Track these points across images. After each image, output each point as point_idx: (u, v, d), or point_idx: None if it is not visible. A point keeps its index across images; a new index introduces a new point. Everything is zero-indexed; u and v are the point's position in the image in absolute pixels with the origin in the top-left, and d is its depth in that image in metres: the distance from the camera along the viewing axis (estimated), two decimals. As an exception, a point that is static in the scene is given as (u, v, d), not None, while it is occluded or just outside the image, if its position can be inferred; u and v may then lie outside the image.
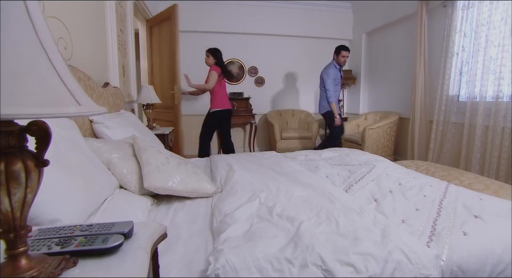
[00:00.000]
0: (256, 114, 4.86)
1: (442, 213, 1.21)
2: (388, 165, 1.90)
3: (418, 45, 3.55)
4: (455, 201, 1.31)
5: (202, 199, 1.41)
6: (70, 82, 0.45)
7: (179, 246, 0.99)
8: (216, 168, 1.90)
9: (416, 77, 3.58)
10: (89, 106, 0.47)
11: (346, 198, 1.33)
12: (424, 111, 3.59)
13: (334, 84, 3.44)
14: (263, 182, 1.56)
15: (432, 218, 1.17)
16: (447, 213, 1.21)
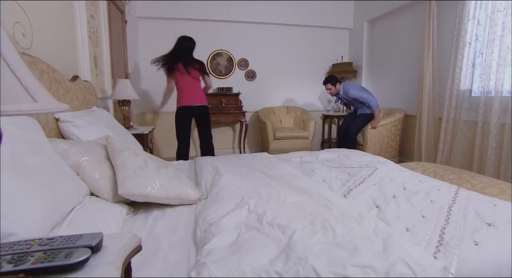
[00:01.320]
0: (247, 112, 4.87)
1: (451, 221, 1.22)
2: (391, 167, 1.92)
3: (425, 34, 3.60)
4: (465, 207, 1.33)
5: (185, 206, 1.40)
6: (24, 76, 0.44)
7: (158, 259, 0.98)
8: (201, 171, 1.90)
9: (424, 70, 3.63)
10: (47, 103, 0.46)
11: (345, 204, 1.33)
12: (432, 108, 3.64)
13: (365, 92, 3.84)
14: (253, 187, 1.56)
15: (439, 226, 1.18)
16: (457, 220, 1.22)
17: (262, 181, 1.68)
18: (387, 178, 1.72)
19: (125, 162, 1.32)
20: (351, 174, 1.83)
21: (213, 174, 1.82)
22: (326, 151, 2.53)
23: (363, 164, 2.01)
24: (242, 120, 4.78)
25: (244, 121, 4.76)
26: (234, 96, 4.85)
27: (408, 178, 1.72)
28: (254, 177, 1.76)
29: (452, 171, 1.98)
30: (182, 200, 1.39)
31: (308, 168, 2.05)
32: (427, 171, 2.00)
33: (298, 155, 2.52)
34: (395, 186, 1.59)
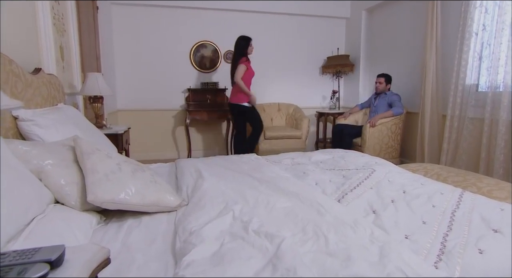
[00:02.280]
0: (235, 109, 4.85)
1: (454, 227, 1.24)
2: (390, 169, 1.94)
3: (428, 24, 3.64)
4: (470, 212, 1.35)
5: (163, 213, 1.39)
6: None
7: (131, 274, 0.97)
8: (182, 175, 1.89)
9: (427, 63, 3.68)
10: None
11: (339, 209, 1.34)
12: (436, 104, 3.69)
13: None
14: (239, 192, 1.57)
15: (442, 233, 1.20)
16: (461, 226, 1.24)
17: (250, 185, 1.69)
18: (386, 180, 1.74)
19: (95, 165, 1.30)
20: (347, 176, 1.84)
21: (195, 177, 1.81)
22: (320, 152, 2.54)
23: (360, 166, 2.02)
24: (228, 119, 4.76)
25: (231, 119, 4.74)
26: (220, 92, 4.84)
27: (409, 181, 1.74)
28: (241, 181, 1.77)
29: (457, 172, 2.01)
30: (161, 207, 1.38)
31: (300, 170, 2.06)
32: (429, 173, 2.02)
33: (290, 156, 2.53)
34: (394, 190, 1.61)
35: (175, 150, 4.98)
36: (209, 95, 4.74)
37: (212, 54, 4.94)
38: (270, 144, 4.48)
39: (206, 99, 4.73)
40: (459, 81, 3.37)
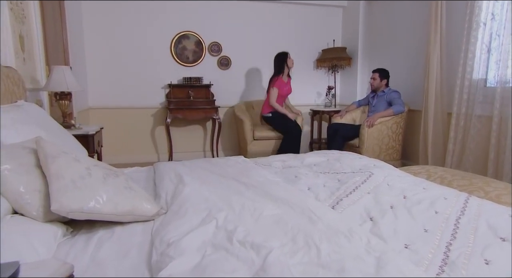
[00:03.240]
0: (220, 107, 4.85)
1: (459, 235, 1.25)
2: (390, 172, 1.96)
3: (432, 14, 3.69)
4: (476, 219, 1.36)
5: (139, 223, 1.39)
6: None
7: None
8: (161, 180, 1.89)
9: (430, 57, 3.72)
10: None
11: (332, 216, 1.35)
12: (440, 101, 3.74)
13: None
14: (224, 198, 1.57)
15: (445, 242, 1.21)
16: (465, 234, 1.25)
17: (235, 190, 1.70)
18: (384, 184, 1.75)
19: (61, 170, 1.28)
20: (342, 180, 1.85)
21: (175, 182, 1.81)
22: (314, 154, 2.55)
23: (357, 169, 2.04)
24: (214, 118, 4.75)
25: (217, 118, 4.74)
26: (205, 88, 4.83)
27: (410, 185, 1.76)
28: (226, 186, 1.78)
29: (462, 175, 2.04)
30: (136, 216, 1.38)
31: (291, 173, 2.07)
32: (432, 176, 2.04)
33: (280, 158, 2.54)
34: (393, 195, 1.62)
35: (154, 152, 4.94)
36: (192, 92, 4.72)
37: (196, 46, 4.92)
38: (259, 145, 4.49)
39: (189, 96, 4.71)
40: (466, 75, 3.41)
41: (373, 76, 4.27)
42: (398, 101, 4.02)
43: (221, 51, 5.06)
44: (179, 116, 4.56)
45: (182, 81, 4.74)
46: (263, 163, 2.42)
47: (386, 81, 4.23)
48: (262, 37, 5.21)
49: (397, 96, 4.07)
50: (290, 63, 4.44)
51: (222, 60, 5.08)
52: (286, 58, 4.41)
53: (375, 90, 4.32)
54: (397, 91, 4.13)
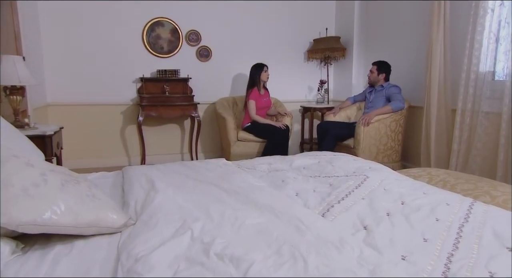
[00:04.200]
0: (200, 104, 4.85)
1: (462, 245, 1.26)
2: (387, 175, 1.97)
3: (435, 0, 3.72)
4: (481, 227, 1.38)
5: (104, 236, 1.37)
6: None
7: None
8: (130, 186, 1.88)
9: (433, 47, 3.77)
10: None
11: (322, 225, 1.35)
12: (444, 97, 3.79)
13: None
14: (201, 206, 1.57)
15: (446, 253, 1.22)
16: (469, 244, 1.27)
17: (215, 197, 1.70)
18: (381, 189, 1.77)
19: (10, 177, 1.26)
20: (334, 185, 1.86)
21: (147, 189, 1.80)
22: (304, 155, 2.57)
23: (351, 172, 2.06)
24: (193, 115, 4.74)
25: (196, 116, 4.73)
26: (182, 82, 4.81)
27: (409, 189, 1.77)
28: (204, 192, 1.78)
29: (467, 179, 2.07)
30: (100, 228, 1.36)
31: (278, 178, 2.08)
32: (434, 180, 2.07)
33: (267, 160, 2.55)
34: (390, 200, 1.64)
35: (124, 156, 4.90)
36: (167, 86, 4.69)
37: (171, 34, 4.89)
38: (244, 147, 4.49)
39: (164, 91, 4.68)
40: (472, 68, 3.45)
41: (371, 69, 4.32)
42: (397, 97, 4.07)
43: (200, 41, 5.04)
44: (152, 114, 4.53)
45: (156, 74, 4.71)
46: (247, 166, 2.43)
47: (385, 76, 4.27)
48: (246, 25, 5.22)
49: (396, 92, 4.12)
50: (265, 77, 4.64)
51: (202, 51, 5.06)
52: (260, 71, 4.61)
53: (373, 84, 4.36)
54: (396, 86, 4.18)
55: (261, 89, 4.66)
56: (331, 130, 4.21)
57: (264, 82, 4.71)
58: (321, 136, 4.32)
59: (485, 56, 3.39)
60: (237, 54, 5.23)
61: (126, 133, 4.88)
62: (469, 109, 3.50)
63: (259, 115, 4.56)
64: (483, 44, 3.37)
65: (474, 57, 3.43)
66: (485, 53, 3.39)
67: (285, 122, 4.55)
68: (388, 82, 4.28)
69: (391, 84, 4.22)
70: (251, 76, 4.65)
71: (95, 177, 2.20)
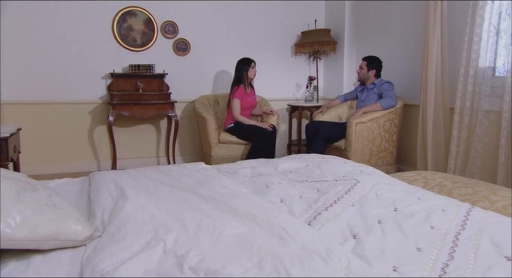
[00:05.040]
0: (178, 102, 4.82)
1: (458, 254, 1.28)
2: (379, 179, 1.99)
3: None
4: (479, 235, 1.40)
5: (66, 250, 1.35)
6: None
7: None
8: (97, 194, 1.87)
9: (429, 40, 3.80)
10: None
11: (308, 234, 1.36)
12: (441, 94, 3.82)
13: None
14: (176, 215, 1.56)
15: (440, 263, 1.23)
16: (465, 253, 1.28)
17: (191, 205, 1.70)
18: (372, 195, 1.78)
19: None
20: (322, 190, 1.88)
21: (115, 197, 1.80)
22: (290, 158, 2.58)
23: (340, 176, 2.07)
24: (170, 115, 4.71)
25: (173, 116, 4.70)
26: (157, 78, 4.78)
27: (402, 195, 1.79)
28: (180, 200, 1.78)
29: (465, 183, 2.09)
30: (61, 241, 1.34)
31: (261, 183, 2.09)
32: (430, 184, 2.10)
33: (250, 164, 2.56)
34: (382, 206, 1.65)
35: (93, 160, 4.84)
36: (141, 83, 4.64)
37: (145, 25, 4.85)
38: (226, 149, 4.48)
39: (137, 88, 4.64)
40: (471, 63, 3.47)
41: (361, 64, 4.36)
42: (388, 94, 4.11)
43: (178, 33, 5.01)
44: (124, 113, 4.47)
45: (128, 69, 4.66)
46: (228, 171, 2.43)
47: (375, 72, 4.32)
48: (228, 16, 5.22)
49: (388, 88, 4.16)
50: (252, 73, 4.63)
51: (179, 44, 5.04)
52: (248, 67, 4.59)
53: (363, 81, 4.40)
54: (389, 82, 4.22)
55: (247, 87, 4.66)
56: (321, 131, 4.22)
57: (251, 80, 4.70)
58: (310, 138, 4.33)
59: (484, 50, 3.41)
60: (217, 48, 5.22)
61: (94, 135, 4.82)
62: (468, 107, 3.53)
63: (243, 115, 4.55)
64: (483, 37, 3.40)
65: (473, 52, 3.46)
66: (485, 47, 3.41)
67: (271, 123, 4.55)
68: (380, 79, 4.32)
69: (384, 81, 4.26)
70: (237, 72, 4.64)
71: (58, 184, 2.17)
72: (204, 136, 4.61)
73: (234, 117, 4.57)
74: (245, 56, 4.62)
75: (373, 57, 4.34)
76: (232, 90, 4.59)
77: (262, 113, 4.87)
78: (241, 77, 4.58)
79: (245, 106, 4.59)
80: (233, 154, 4.46)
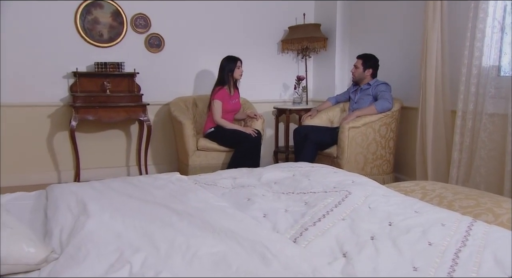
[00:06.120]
0: (150, 105, 4.80)
1: (458, 274, 1.29)
2: (373, 190, 2.00)
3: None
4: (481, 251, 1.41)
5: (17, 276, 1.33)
6: None
7: None
8: (55, 210, 1.84)
9: (428, 38, 3.84)
10: None
11: (293, 253, 1.36)
12: (441, 96, 3.86)
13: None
14: (145, 233, 1.55)
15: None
16: (466, 272, 1.29)
17: (163, 222, 1.68)
18: (365, 208, 1.79)
19: None
20: (310, 203, 1.88)
21: (76, 213, 1.78)
22: (276, 167, 2.57)
23: (330, 187, 2.07)
24: (141, 119, 4.69)
25: (145, 120, 4.68)
26: (127, 77, 4.76)
27: (398, 207, 1.81)
28: (150, 215, 1.76)
29: (467, 194, 2.11)
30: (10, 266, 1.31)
31: (243, 195, 2.08)
32: (428, 195, 2.11)
33: (231, 174, 2.55)
34: (375, 221, 1.66)
35: (52, 170, 4.79)
36: (109, 83, 4.61)
37: (113, 18, 4.82)
38: (205, 157, 4.48)
39: (104, 89, 4.60)
40: (473, 62, 3.50)
41: (356, 63, 4.39)
42: (384, 96, 4.14)
43: (150, 27, 5.00)
44: (89, 117, 4.43)
45: (94, 68, 4.61)
46: (206, 182, 2.42)
47: (372, 71, 4.35)
48: (206, 7, 5.22)
49: (384, 90, 4.19)
50: (237, 74, 4.63)
51: (152, 40, 5.03)
52: (233, 67, 4.59)
53: (358, 82, 4.44)
54: (385, 83, 4.26)
55: (231, 89, 4.65)
56: (311, 136, 4.23)
57: (237, 81, 4.70)
58: (299, 144, 4.34)
59: (488, 48, 3.44)
60: (195, 44, 5.22)
61: (54, 142, 4.76)
62: (471, 110, 3.55)
63: (225, 119, 4.55)
64: (486, 33, 3.43)
65: (476, 49, 3.48)
66: (489, 44, 3.44)
67: (256, 128, 4.55)
68: (376, 79, 4.36)
69: (380, 82, 4.30)
70: (220, 72, 4.63)
71: (9, 199, 2.12)
72: (181, 143, 4.59)
73: (214, 121, 4.53)
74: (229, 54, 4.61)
75: (369, 55, 4.38)
76: (213, 91, 4.56)
77: (246, 117, 4.87)
78: (224, 78, 4.57)
79: (227, 109, 4.58)
80: (213, 163, 4.45)
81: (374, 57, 4.36)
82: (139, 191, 2.15)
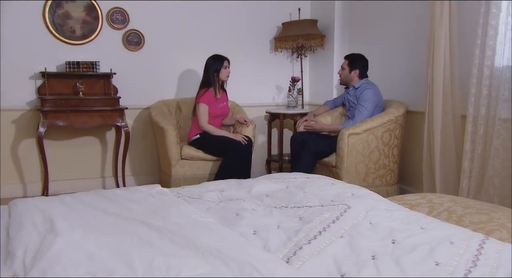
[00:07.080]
0: (129, 109, 4.80)
1: (468, 297, 1.30)
2: (375, 204, 2.00)
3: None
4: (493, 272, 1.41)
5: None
6: None
7: None
8: (19, 228, 1.82)
9: (435, 37, 3.86)
10: None
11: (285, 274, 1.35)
12: (450, 99, 3.88)
13: (372, 104, 4.36)
14: (120, 253, 1.54)
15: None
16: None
17: (142, 240, 1.67)
18: (366, 223, 1.78)
19: None
20: (305, 218, 1.87)
21: (43, 232, 1.75)
22: (268, 179, 2.57)
23: (327, 200, 2.07)
24: (119, 125, 4.68)
25: (123, 126, 4.67)
26: (103, 78, 4.77)
27: (402, 223, 1.80)
28: (127, 233, 1.75)
29: (478, 208, 2.11)
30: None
31: (231, 210, 2.07)
32: (436, 209, 2.11)
33: (218, 186, 2.54)
34: (377, 238, 1.65)
35: (17, 182, 4.76)
36: (82, 84, 4.60)
37: (86, 13, 4.83)
38: (190, 167, 4.49)
39: (76, 91, 4.60)
40: (485, 62, 3.52)
41: (342, 64, 4.46)
42: (361, 111, 4.21)
43: (128, 23, 5.01)
44: (59, 123, 4.42)
45: (65, 67, 4.61)
46: (190, 195, 2.40)
47: (359, 72, 4.39)
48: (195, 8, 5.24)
49: (366, 98, 4.23)
50: (224, 75, 4.64)
51: (130, 37, 5.04)
52: (219, 67, 4.61)
53: (346, 84, 4.49)
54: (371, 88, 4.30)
55: (218, 92, 4.67)
56: (309, 145, 4.25)
57: (223, 82, 4.71)
58: (297, 153, 4.35)
59: (502, 46, 3.46)
60: (179, 42, 5.24)
61: (20, 150, 4.73)
62: (483, 115, 3.57)
63: (212, 125, 4.55)
64: (499, 30, 3.44)
65: (488, 48, 3.50)
66: (502, 42, 3.45)
67: (246, 134, 4.56)
68: (366, 80, 4.40)
69: (366, 86, 4.32)
70: (205, 73, 4.64)
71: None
72: (163, 151, 4.60)
73: (200, 126, 4.54)
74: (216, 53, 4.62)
75: (356, 55, 4.44)
76: (198, 94, 4.57)
77: (235, 122, 4.88)
78: (210, 79, 4.57)
79: (214, 114, 4.59)
80: (199, 173, 4.45)
81: (361, 57, 4.42)
82: (115, 205, 2.12)
